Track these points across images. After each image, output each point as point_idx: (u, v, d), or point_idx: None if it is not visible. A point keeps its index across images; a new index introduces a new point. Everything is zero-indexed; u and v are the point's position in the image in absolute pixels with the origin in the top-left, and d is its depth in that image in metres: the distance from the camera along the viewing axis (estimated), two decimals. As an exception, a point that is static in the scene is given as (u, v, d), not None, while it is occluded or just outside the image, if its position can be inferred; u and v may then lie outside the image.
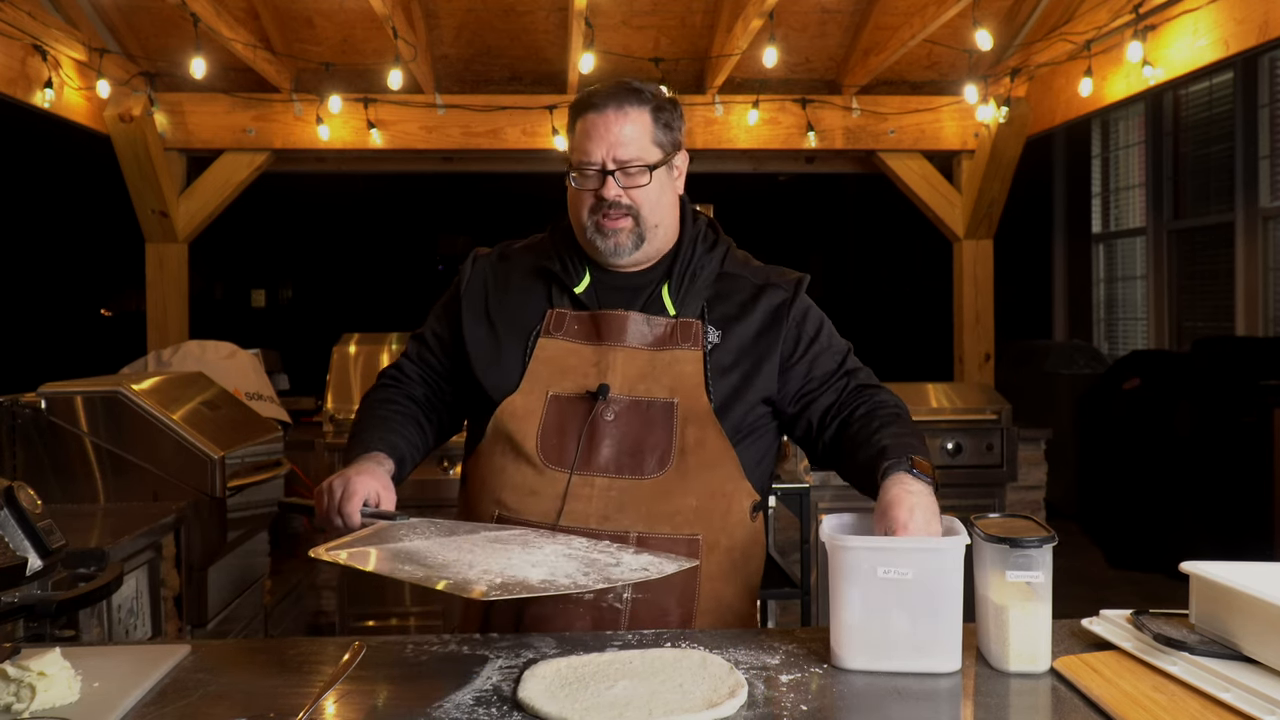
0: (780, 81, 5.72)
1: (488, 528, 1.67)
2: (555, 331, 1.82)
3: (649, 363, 1.78)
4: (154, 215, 5.58)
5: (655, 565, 1.48)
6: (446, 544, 1.54)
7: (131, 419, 3.02)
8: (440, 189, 10.63)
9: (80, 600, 1.72)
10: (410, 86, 5.31)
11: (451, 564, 1.45)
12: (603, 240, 1.79)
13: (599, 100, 1.78)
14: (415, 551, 1.50)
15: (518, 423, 1.77)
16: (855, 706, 1.35)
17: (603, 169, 1.76)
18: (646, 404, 1.77)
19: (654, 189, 1.79)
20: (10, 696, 1.32)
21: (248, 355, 4.45)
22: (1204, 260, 7.49)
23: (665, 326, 1.80)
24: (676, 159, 1.84)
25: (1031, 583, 1.43)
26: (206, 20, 4.47)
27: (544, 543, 1.57)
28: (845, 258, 11.96)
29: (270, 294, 12.14)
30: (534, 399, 1.78)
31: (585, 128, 1.78)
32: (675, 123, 1.83)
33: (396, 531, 1.59)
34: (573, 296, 1.84)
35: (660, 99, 1.82)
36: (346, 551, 1.49)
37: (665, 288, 1.83)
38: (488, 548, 1.53)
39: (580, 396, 1.77)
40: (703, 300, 1.83)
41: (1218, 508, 5.66)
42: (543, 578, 1.40)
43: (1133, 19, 4.42)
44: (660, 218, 1.81)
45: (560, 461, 1.75)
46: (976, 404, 4.67)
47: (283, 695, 1.38)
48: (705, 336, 1.80)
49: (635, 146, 1.76)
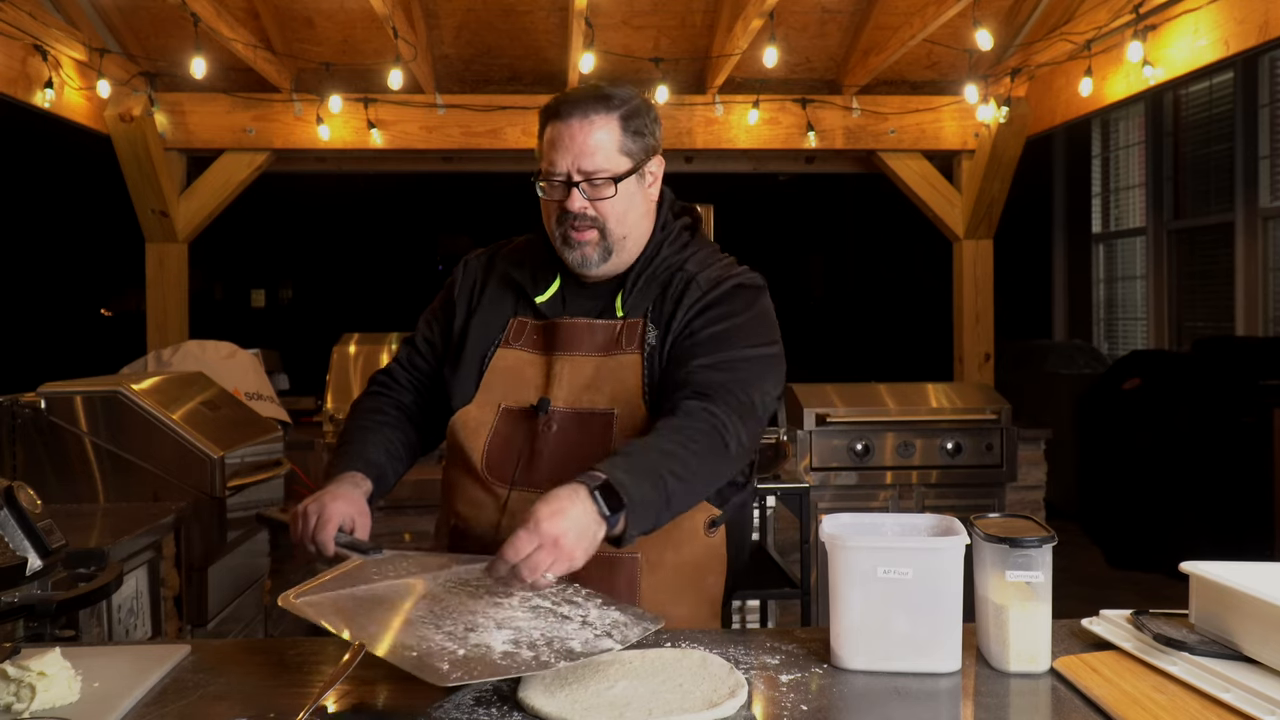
0: (780, 81, 5.72)
1: (459, 560, 1.63)
2: (514, 342, 1.79)
3: (595, 371, 1.73)
4: (154, 215, 5.58)
5: (620, 631, 1.43)
6: (417, 591, 1.51)
7: (131, 419, 3.02)
8: (440, 189, 10.63)
9: (80, 600, 1.72)
10: (410, 86, 5.31)
11: (418, 623, 1.41)
12: (570, 252, 1.75)
13: (565, 108, 1.72)
14: (385, 600, 1.48)
15: (468, 435, 1.76)
16: (855, 706, 1.35)
17: (568, 180, 1.71)
18: (588, 415, 1.72)
19: (620, 201, 1.73)
20: (10, 696, 1.32)
21: (248, 355, 4.45)
22: (1204, 260, 7.49)
23: (613, 329, 1.75)
24: (650, 165, 1.78)
25: (1031, 583, 1.43)
26: (206, 20, 4.47)
27: (513, 595, 1.49)
28: (845, 258, 11.96)
29: (270, 294, 12.14)
30: (487, 411, 1.76)
31: (552, 136, 1.73)
32: (648, 128, 1.76)
33: (367, 571, 1.57)
34: (534, 304, 1.80)
35: (630, 105, 1.74)
36: (315, 607, 1.45)
37: (621, 292, 1.77)
38: (457, 601, 1.48)
39: (526, 410, 1.75)
40: (650, 299, 1.77)
41: (1218, 508, 5.65)
42: (505, 648, 1.36)
43: (1133, 19, 4.42)
44: (629, 229, 1.75)
45: (502, 476, 1.73)
46: (976, 404, 4.68)
47: (283, 695, 1.38)
48: (645, 337, 1.74)
49: (601, 157, 1.70)
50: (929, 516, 1.58)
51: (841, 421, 4.57)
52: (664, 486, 1.51)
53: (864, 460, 4.58)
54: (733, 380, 1.65)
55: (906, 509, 4.65)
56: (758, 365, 1.70)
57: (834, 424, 4.56)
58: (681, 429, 1.58)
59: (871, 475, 4.60)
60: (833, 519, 1.56)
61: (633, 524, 1.48)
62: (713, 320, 1.71)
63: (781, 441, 3.76)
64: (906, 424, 4.60)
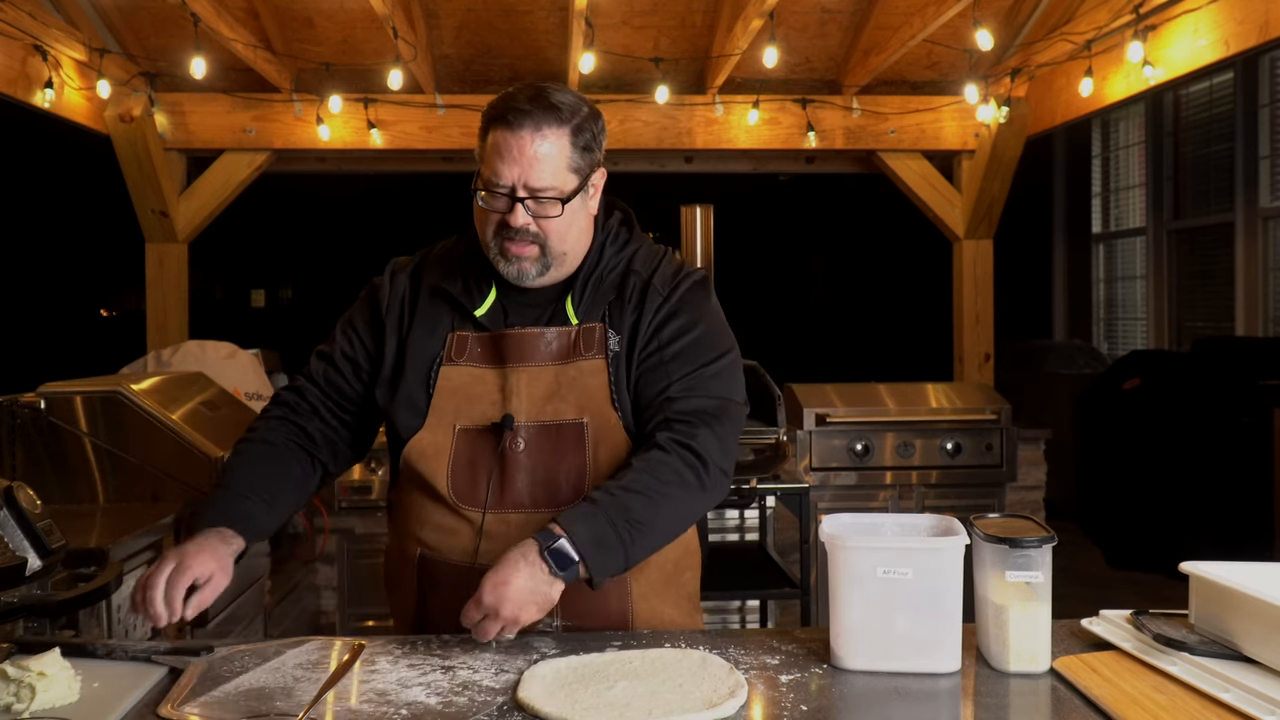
0: (780, 81, 5.72)
1: (298, 646, 1.55)
2: (457, 358, 1.69)
3: (555, 380, 1.67)
4: (154, 215, 5.57)
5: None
6: (279, 685, 1.42)
7: (131, 419, 3.02)
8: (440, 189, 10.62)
9: (80, 600, 1.72)
10: (410, 86, 5.30)
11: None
12: (506, 264, 1.66)
13: (514, 117, 1.60)
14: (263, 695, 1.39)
15: (427, 462, 1.67)
16: (855, 706, 1.35)
17: (511, 194, 1.62)
18: (556, 427, 1.66)
19: (565, 219, 1.64)
20: (10, 696, 1.32)
21: (248, 355, 4.45)
22: (1204, 260, 7.49)
23: (568, 336, 1.68)
24: (594, 178, 1.69)
25: (1031, 583, 1.43)
26: (206, 20, 4.47)
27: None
28: (845, 258, 11.95)
29: (270, 294, 12.13)
30: (441, 434, 1.67)
31: (497, 142, 1.62)
32: (595, 141, 1.67)
33: (220, 669, 1.47)
34: (474, 318, 1.71)
35: (580, 116, 1.64)
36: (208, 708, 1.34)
37: (569, 297, 1.70)
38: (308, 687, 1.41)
39: (487, 428, 1.66)
40: (605, 304, 1.70)
41: (1218, 508, 5.65)
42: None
43: (1133, 19, 4.42)
44: (570, 244, 1.68)
45: (473, 500, 1.66)
46: (976, 404, 4.67)
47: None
48: (607, 343, 1.68)
49: (549, 174, 1.61)
50: (929, 517, 1.58)
51: (841, 421, 4.56)
52: (628, 533, 1.52)
53: (864, 460, 4.58)
54: (707, 403, 1.65)
55: (906, 509, 4.65)
56: (725, 376, 1.70)
57: (834, 424, 4.56)
58: (657, 471, 1.58)
59: (871, 475, 4.60)
60: (832, 519, 1.56)
61: (597, 572, 1.51)
62: (678, 333, 1.68)
63: (781, 441, 3.76)
64: (906, 424, 4.60)
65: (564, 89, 1.67)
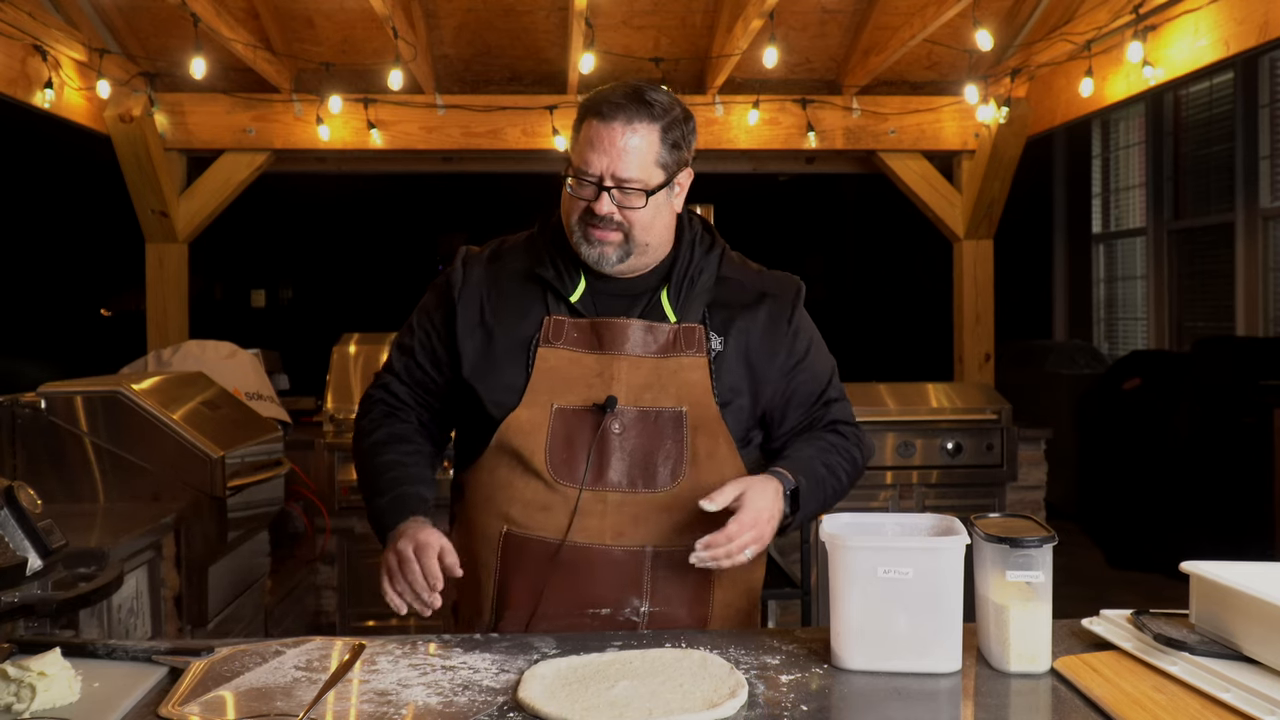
0: (780, 82, 5.72)
1: (298, 646, 1.56)
2: (555, 340, 1.74)
3: (654, 371, 1.73)
4: (154, 215, 5.57)
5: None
6: (279, 685, 1.42)
7: (131, 419, 3.02)
8: (440, 189, 10.63)
9: (80, 600, 1.72)
10: (410, 86, 5.30)
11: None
12: (588, 248, 1.72)
13: (608, 109, 1.68)
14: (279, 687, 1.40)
15: (524, 438, 1.72)
16: (855, 706, 1.35)
17: (600, 183, 1.68)
18: (655, 414, 1.72)
19: (649, 211, 1.71)
20: (10, 696, 1.32)
21: (248, 355, 4.45)
22: (1204, 260, 7.49)
23: (668, 333, 1.75)
24: (680, 177, 1.76)
25: (1031, 583, 1.43)
26: (206, 20, 4.46)
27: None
28: (845, 258, 11.96)
29: (270, 294, 12.12)
30: (539, 412, 1.72)
31: (590, 134, 1.69)
32: (685, 140, 1.74)
33: (221, 669, 1.46)
34: (568, 303, 1.77)
35: (672, 115, 1.72)
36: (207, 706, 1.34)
37: (664, 293, 1.77)
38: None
39: (587, 409, 1.72)
40: (703, 305, 1.78)
41: (1218, 508, 5.65)
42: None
43: (1133, 19, 4.42)
44: (652, 237, 1.75)
45: (570, 477, 1.70)
46: (976, 404, 4.67)
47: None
48: (708, 343, 1.75)
49: (637, 167, 1.68)
50: (929, 516, 1.58)
51: (841, 421, 4.56)
52: (824, 495, 1.77)
53: (864, 460, 4.57)
54: (846, 403, 1.90)
55: (907, 509, 4.66)
56: (837, 372, 1.93)
57: (834, 424, 4.55)
58: (840, 449, 1.82)
59: (871, 475, 4.60)
60: (833, 519, 1.57)
61: (796, 524, 1.74)
62: (807, 346, 1.86)
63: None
64: (907, 424, 4.60)
65: (660, 89, 1.75)
